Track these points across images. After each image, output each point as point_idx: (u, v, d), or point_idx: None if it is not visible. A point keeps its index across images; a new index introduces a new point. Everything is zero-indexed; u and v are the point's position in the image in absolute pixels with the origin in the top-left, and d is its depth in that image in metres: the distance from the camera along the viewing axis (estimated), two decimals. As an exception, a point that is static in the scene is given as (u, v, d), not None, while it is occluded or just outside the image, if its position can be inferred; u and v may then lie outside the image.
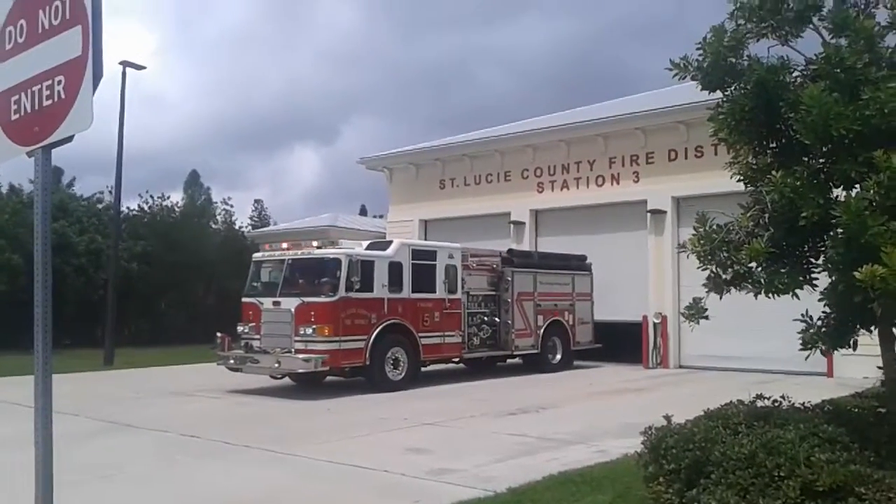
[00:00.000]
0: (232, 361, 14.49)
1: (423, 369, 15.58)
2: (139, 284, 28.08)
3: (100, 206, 29.63)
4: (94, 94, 3.43)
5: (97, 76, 3.42)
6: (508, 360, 18.03)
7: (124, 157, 22.21)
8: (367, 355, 14.03)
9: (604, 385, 15.49)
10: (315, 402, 12.98)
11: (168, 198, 33.18)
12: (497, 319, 17.19)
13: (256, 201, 67.41)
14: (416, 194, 24.86)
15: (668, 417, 5.64)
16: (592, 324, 19.42)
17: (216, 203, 38.47)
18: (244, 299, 15.04)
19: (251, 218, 46.80)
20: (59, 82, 3.56)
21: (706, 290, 5.55)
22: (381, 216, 40.92)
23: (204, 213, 35.95)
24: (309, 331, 13.59)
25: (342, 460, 8.16)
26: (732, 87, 5.62)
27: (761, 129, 5.53)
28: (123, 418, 11.29)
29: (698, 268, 5.63)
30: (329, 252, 14.30)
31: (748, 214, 5.42)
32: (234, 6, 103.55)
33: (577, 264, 19.49)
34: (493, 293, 17.34)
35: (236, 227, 36.21)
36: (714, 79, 5.64)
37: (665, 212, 19.35)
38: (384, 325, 14.38)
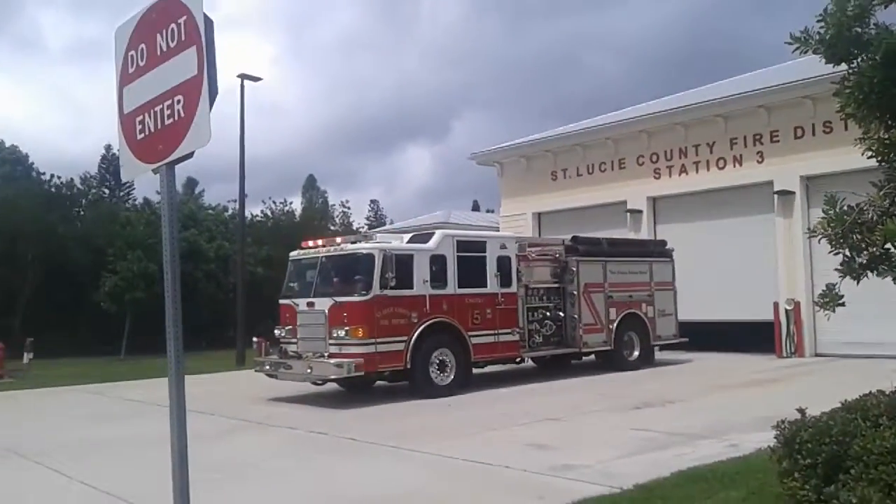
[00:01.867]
0: (268, 367, 13.99)
1: (482, 370, 14.77)
2: (264, 287, 29.24)
3: (226, 213, 31.05)
4: (210, 110, 3.56)
5: (213, 94, 3.55)
6: (584, 358, 16.73)
7: (246, 165, 23.24)
8: (408, 358, 13.06)
9: (733, 377, 14.91)
10: (430, 401, 12.86)
11: (290, 203, 34.51)
12: (562, 314, 15.83)
13: (372, 201, 69.26)
14: (527, 187, 24.73)
15: (801, 410, 5.36)
16: (676, 315, 17.68)
17: (333, 205, 39.70)
18: (281, 301, 14.37)
19: (367, 218, 47.97)
20: (179, 101, 3.72)
21: (840, 275, 5.22)
22: (492, 211, 41.04)
23: (323, 216, 37.15)
24: (342, 332, 12.73)
25: (464, 456, 8.21)
26: (859, 59, 5.26)
27: (892, 101, 5.16)
28: (255, 416, 11.79)
29: (829, 252, 5.32)
30: (362, 248, 13.32)
31: (882, 192, 5.06)
32: (341, 10, 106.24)
33: (656, 250, 17.99)
34: (556, 285, 15.96)
35: (354, 228, 37.21)
36: (838, 51, 5.28)
37: (793, 192, 18.46)
38: (427, 324, 13.33)
